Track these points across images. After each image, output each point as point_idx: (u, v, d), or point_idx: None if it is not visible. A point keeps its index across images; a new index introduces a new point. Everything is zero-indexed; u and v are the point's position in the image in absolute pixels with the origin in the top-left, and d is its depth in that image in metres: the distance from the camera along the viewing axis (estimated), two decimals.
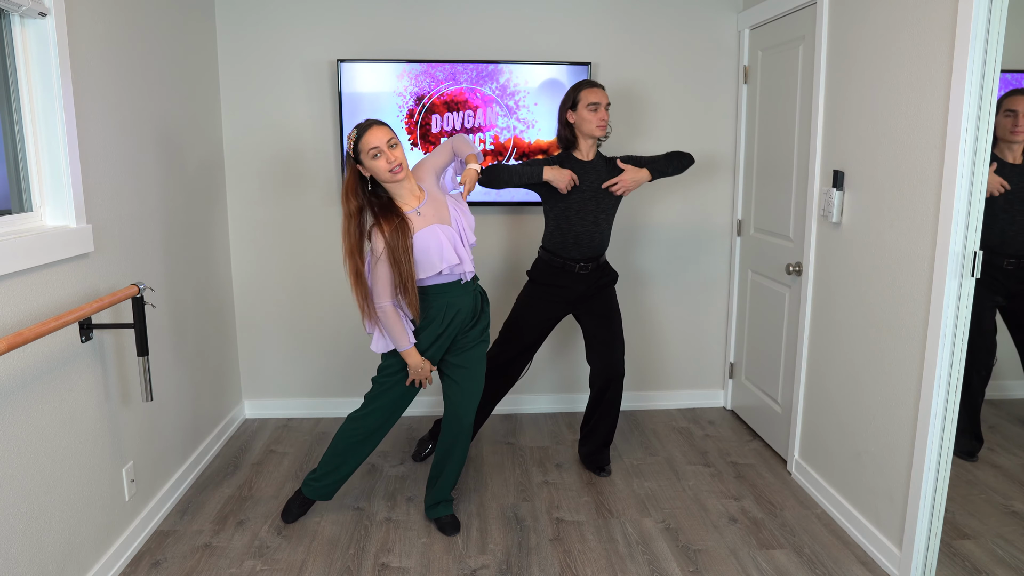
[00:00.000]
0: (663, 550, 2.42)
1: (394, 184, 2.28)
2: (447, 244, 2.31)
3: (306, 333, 3.55)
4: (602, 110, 2.71)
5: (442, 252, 2.30)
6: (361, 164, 2.26)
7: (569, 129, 2.77)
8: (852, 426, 2.52)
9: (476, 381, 2.48)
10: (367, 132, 2.22)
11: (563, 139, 2.80)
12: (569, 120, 2.75)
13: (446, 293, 2.39)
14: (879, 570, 2.31)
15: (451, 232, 2.34)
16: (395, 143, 2.24)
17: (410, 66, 3.25)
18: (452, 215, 2.38)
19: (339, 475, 2.54)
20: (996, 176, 2.85)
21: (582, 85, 2.74)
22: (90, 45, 2.17)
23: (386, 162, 2.21)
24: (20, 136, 1.97)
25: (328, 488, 2.56)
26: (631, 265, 3.60)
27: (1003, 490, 2.81)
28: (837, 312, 2.61)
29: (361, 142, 2.22)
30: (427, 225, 2.30)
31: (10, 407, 1.79)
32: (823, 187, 2.69)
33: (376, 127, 2.23)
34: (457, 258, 2.32)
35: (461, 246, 2.36)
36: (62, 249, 1.97)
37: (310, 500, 2.61)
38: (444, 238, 2.31)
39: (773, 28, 3.11)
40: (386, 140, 2.22)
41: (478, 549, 2.43)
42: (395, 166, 2.22)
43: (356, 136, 2.23)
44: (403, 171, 2.25)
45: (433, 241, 2.29)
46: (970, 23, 1.88)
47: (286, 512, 2.59)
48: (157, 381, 2.62)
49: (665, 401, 3.75)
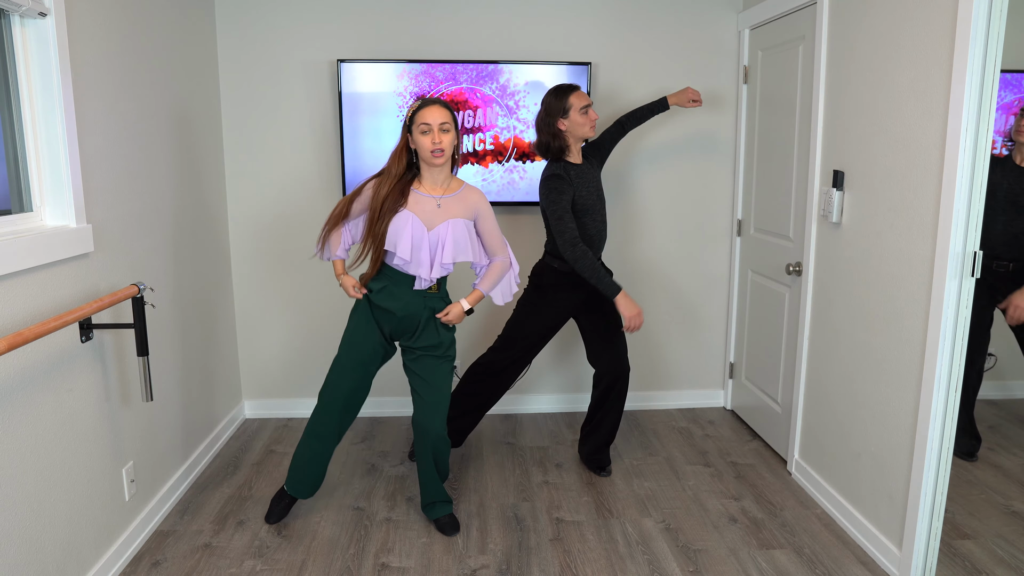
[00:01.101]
0: (663, 550, 2.42)
1: (430, 167, 2.33)
2: (407, 238, 2.30)
3: (306, 333, 3.55)
4: (592, 111, 2.71)
5: (398, 240, 2.30)
6: (411, 135, 2.31)
7: (561, 139, 2.71)
8: (852, 426, 2.52)
9: (434, 393, 2.42)
10: (426, 107, 2.28)
11: (554, 150, 2.72)
12: (561, 128, 2.71)
13: (400, 284, 2.38)
14: (879, 570, 2.31)
15: (424, 234, 2.31)
16: (448, 128, 2.28)
17: (410, 66, 3.25)
18: (448, 229, 2.34)
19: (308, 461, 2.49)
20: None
21: (567, 91, 2.69)
22: (90, 45, 2.17)
23: (431, 141, 2.26)
24: (20, 136, 1.97)
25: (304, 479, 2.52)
26: (631, 265, 3.60)
27: (1003, 490, 2.81)
28: (837, 312, 2.61)
29: (418, 114, 2.28)
30: (413, 213, 2.31)
31: (10, 407, 1.79)
32: (823, 187, 2.69)
33: (437, 106, 2.28)
34: (409, 257, 2.31)
35: (424, 251, 2.32)
36: (62, 249, 1.97)
37: (291, 498, 2.58)
38: (411, 232, 2.30)
39: (773, 28, 3.11)
40: (440, 121, 2.26)
41: (478, 549, 2.43)
42: (436, 149, 2.26)
43: (416, 107, 2.29)
44: (443, 157, 2.29)
45: (404, 228, 2.30)
46: (970, 23, 1.88)
47: (269, 513, 2.57)
48: (157, 381, 2.62)
49: (665, 401, 3.75)
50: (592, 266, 2.63)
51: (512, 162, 3.36)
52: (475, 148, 3.34)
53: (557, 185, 2.66)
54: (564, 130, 2.71)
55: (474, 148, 3.34)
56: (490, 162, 3.35)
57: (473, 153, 3.34)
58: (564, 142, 2.72)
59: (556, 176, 2.67)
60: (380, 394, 3.63)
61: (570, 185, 2.67)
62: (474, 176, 3.35)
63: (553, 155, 2.74)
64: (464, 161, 3.34)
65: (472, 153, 3.34)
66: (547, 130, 2.72)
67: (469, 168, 3.35)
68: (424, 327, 2.43)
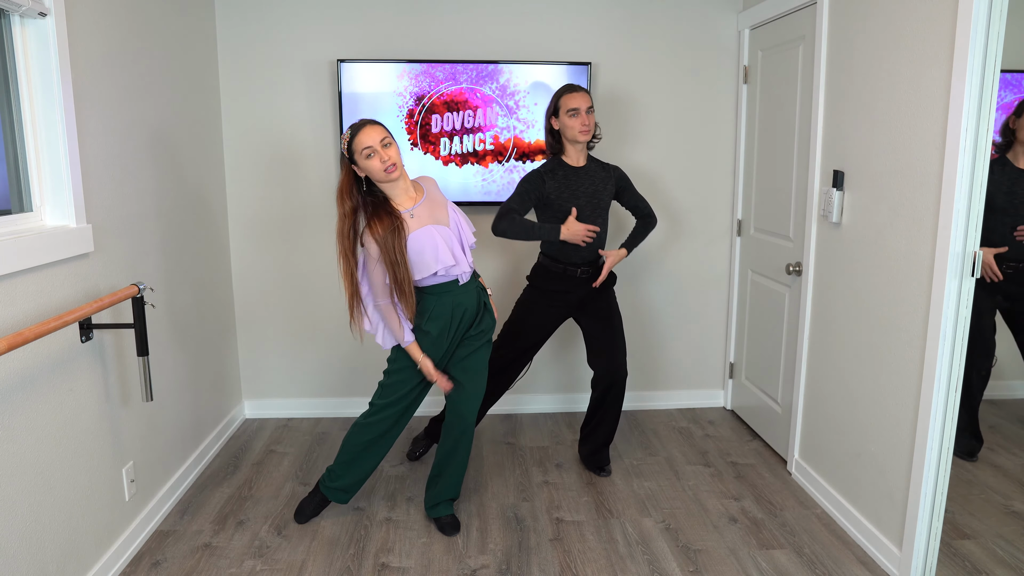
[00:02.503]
0: (663, 550, 2.42)
1: (389, 184, 2.28)
2: (443, 245, 2.30)
3: (306, 333, 3.55)
4: (583, 115, 2.67)
5: (437, 253, 2.29)
6: (356, 164, 2.25)
7: (555, 136, 2.76)
8: (852, 426, 2.52)
9: (479, 382, 2.48)
10: (360, 132, 2.21)
11: (550, 146, 2.79)
12: (554, 127, 2.74)
13: (446, 293, 2.39)
14: (879, 570, 2.31)
15: (447, 233, 2.33)
16: (389, 142, 2.23)
17: (410, 66, 3.25)
18: (451, 216, 2.38)
19: (354, 477, 2.53)
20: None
21: (562, 91, 2.72)
22: (90, 45, 2.17)
23: (380, 161, 2.20)
24: (20, 136, 1.97)
25: (344, 489, 2.55)
26: (631, 265, 3.60)
27: (1003, 490, 2.81)
28: (837, 312, 2.61)
29: (355, 142, 2.21)
30: (421, 226, 2.29)
31: (10, 407, 1.79)
32: (823, 187, 2.69)
33: (369, 126, 2.22)
34: (453, 259, 2.31)
35: (458, 247, 2.35)
36: (62, 249, 1.97)
37: (326, 500, 2.60)
38: (440, 239, 2.30)
39: (773, 28, 3.11)
40: (379, 139, 2.20)
41: (478, 549, 2.43)
42: (389, 165, 2.21)
43: (350, 136, 2.23)
44: (397, 170, 2.24)
45: (428, 242, 2.28)
46: (970, 23, 1.88)
47: (299, 512, 2.58)
48: (157, 381, 2.62)
49: (665, 401, 3.75)
50: (519, 224, 2.65)
51: (512, 162, 3.36)
52: (475, 148, 3.34)
53: (526, 180, 2.74)
54: (556, 129, 2.74)
55: (474, 148, 3.34)
56: (490, 162, 3.35)
57: (473, 153, 3.34)
58: (558, 141, 2.76)
59: (532, 172, 2.76)
60: None
61: (540, 184, 2.71)
62: (474, 176, 3.36)
63: (551, 151, 2.79)
64: (464, 161, 3.34)
65: (472, 153, 3.34)
66: (545, 125, 2.79)
67: (469, 168, 3.35)
68: (483, 311, 2.49)
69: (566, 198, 2.72)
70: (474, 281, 2.47)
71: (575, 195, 2.73)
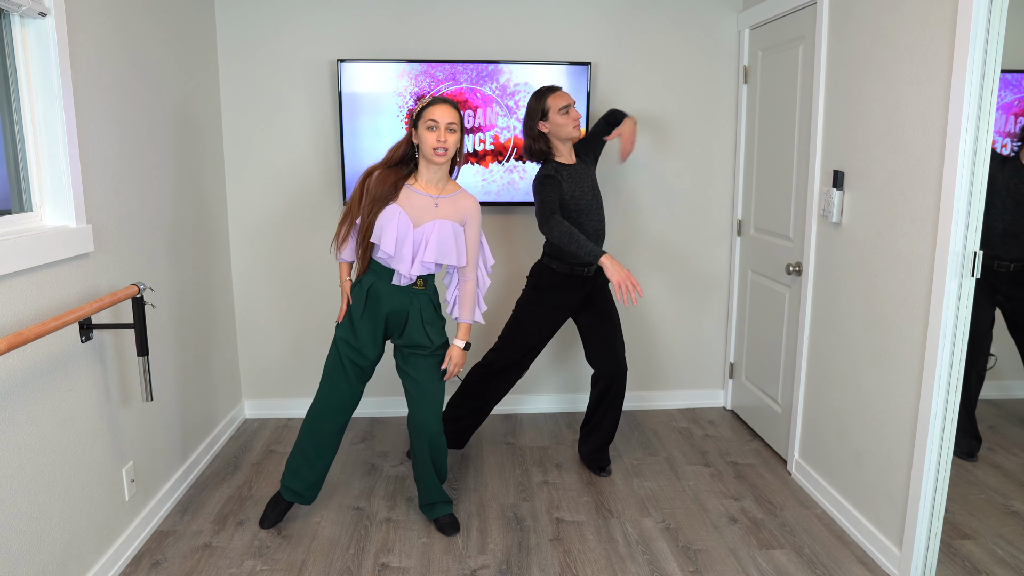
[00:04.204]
0: (663, 550, 2.42)
1: (429, 164, 2.32)
2: (392, 232, 2.29)
3: (306, 333, 3.55)
4: (573, 110, 2.71)
5: (387, 235, 2.29)
6: (416, 128, 2.31)
7: (544, 141, 2.74)
8: (852, 426, 2.52)
9: (425, 392, 2.41)
10: (436, 104, 2.28)
11: (536, 152, 2.75)
12: (543, 131, 2.73)
13: (379, 278, 2.37)
14: (879, 570, 2.31)
15: (409, 229, 2.30)
16: (455, 128, 2.28)
17: (410, 66, 3.25)
18: (434, 229, 2.32)
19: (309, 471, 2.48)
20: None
21: (544, 93, 2.71)
22: (90, 45, 2.17)
23: (435, 139, 2.26)
24: (20, 136, 1.97)
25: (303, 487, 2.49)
26: (631, 265, 3.60)
27: (1003, 490, 2.81)
28: (837, 312, 2.61)
29: (427, 110, 2.28)
30: (402, 208, 2.31)
31: (10, 407, 1.79)
32: (823, 187, 2.69)
33: (447, 106, 2.28)
34: (392, 250, 2.30)
35: (407, 247, 2.31)
36: (62, 249, 1.97)
37: (287, 503, 2.56)
38: (397, 226, 2.29)
39: (773, 28, 3.11)
40: (447, 120, 2.27)
41: (478, 549, 2.43)
42: (440, 147, 2.26)
43: (427, 103, 2.29)
44: (444, 157, 2.28)
45: (392, 222, 2.29)
46: (970, 23, 1.88)
47: (263, 518, 2.54)
48: (157, 381, 2.62)
49: (665, 401, 3.75)
50: (568, 232, 2.53)
51: (512, 162, 3.36)
52: (475, 148, 3.34)
53: (547, 182, 2.67)
54: (546, 132, 2.73)
55: (474, 148, 3.34)
56: (490, 162, 3.35)
57: (473, 153, 3.34)
58: (546, 144, 2.74)
59: (547, 176, 2.69)
60: (380, 394, 3.63)
61: (560, 184, 2.68)
62: (474, 176, 3.36)
63: (536, 157, 2.77)
64: (464, 161, 3.34)
65: (472, 153, 3.34)
66: (529, 133, 2.75)
67: (469, 168, 3.35)
68: (410, 324, 2.40)
69: (578, 196, 2.72)
70: (416, 294, 2.39)
71: (583, 193, 2.74)
